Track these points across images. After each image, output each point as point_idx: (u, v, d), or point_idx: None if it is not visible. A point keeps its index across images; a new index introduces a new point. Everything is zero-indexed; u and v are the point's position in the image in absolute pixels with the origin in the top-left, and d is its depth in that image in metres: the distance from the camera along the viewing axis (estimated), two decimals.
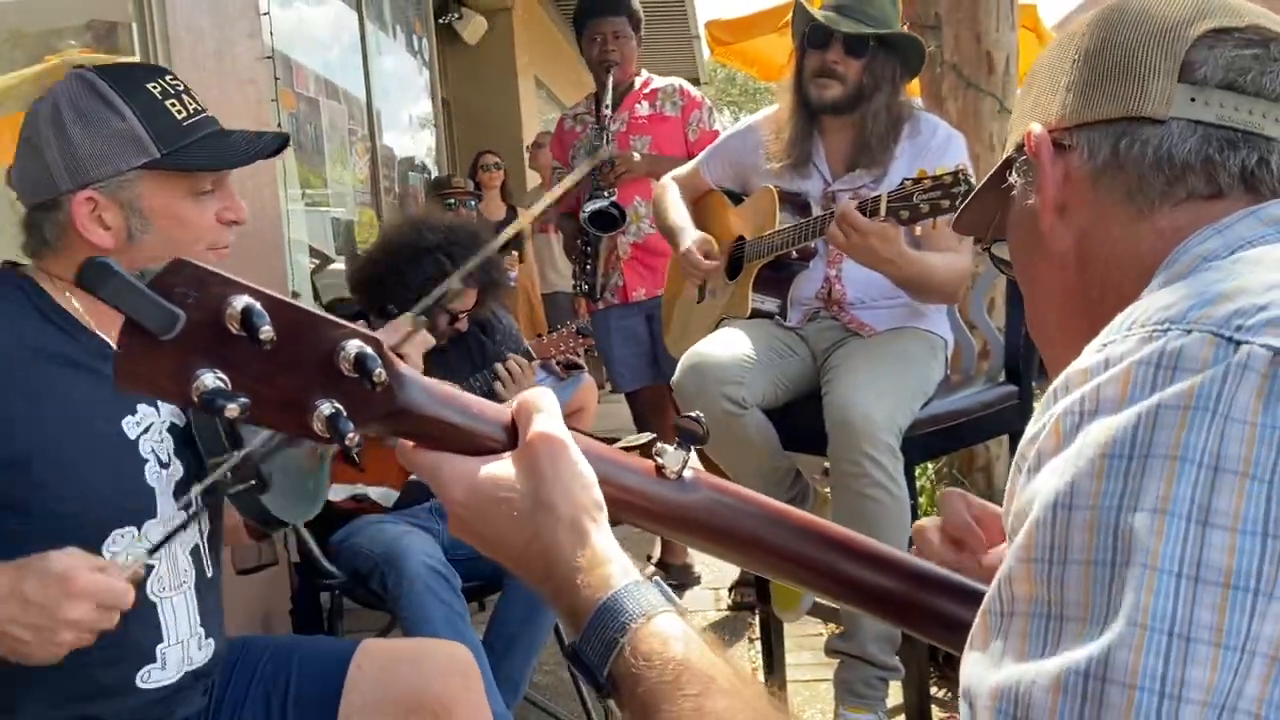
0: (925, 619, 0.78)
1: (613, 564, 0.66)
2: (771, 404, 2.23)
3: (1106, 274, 0.74)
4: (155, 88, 1.35)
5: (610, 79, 3.38)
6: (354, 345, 0.62)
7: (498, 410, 0.72)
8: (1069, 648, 0.53)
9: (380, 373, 0.62)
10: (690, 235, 2.53)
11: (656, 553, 3.62)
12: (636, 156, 3.33)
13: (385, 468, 2.41)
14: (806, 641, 2.86)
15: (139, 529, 1.33)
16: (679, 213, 2.63)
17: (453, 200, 4.02)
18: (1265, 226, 0.68)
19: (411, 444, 0.71)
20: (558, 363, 3.31)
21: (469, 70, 7.29)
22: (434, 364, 2.45)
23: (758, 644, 2.69)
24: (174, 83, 1.38)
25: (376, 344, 0.63)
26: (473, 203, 4.11)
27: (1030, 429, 0.61)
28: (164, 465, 1.38)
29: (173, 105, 1.35)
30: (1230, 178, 0.71)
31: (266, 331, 0.60)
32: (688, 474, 0.74)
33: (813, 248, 2.34)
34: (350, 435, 0.63)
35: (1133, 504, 0.53)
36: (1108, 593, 0.53)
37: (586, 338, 2.57)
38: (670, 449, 0.73)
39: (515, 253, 5.58)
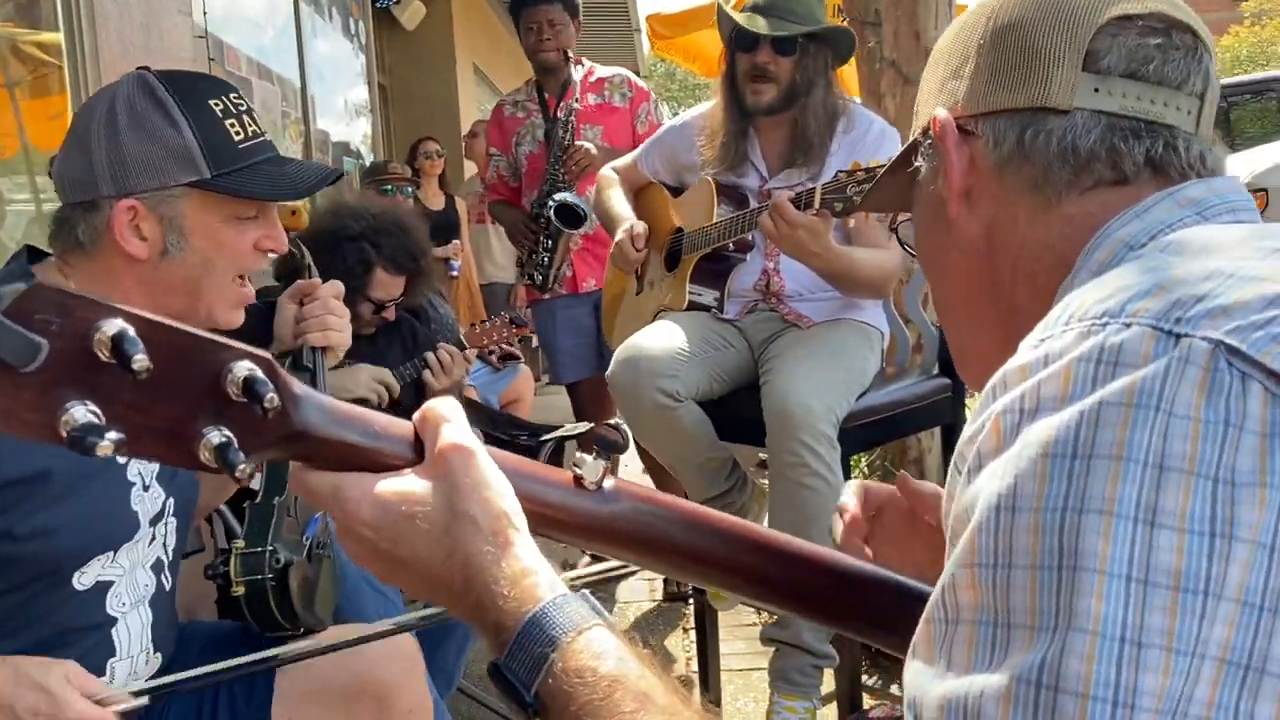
0: (855, 618, 0.78)
1: (538, 575, 0.63)
2: (707, 396, 2.23)
3: (1017, 262, 0.74)
4: (217, 105, 1.32)
5: (570, 67, 3.35)
6: (242, 368, 0.58)
7: (401, 425, 0.68)
8: (1018, 656, 0.52)
9: (272, 397, 0.58)
10: (624, 225, 2.52)
11: None
12: (593, 149, 3.30)
13: None
14: (741, 630, 2.87)
15: (115, 552, 1.31)
16: (619, 203, 2.62)
17: (389, 187, 3.96)
18: (1183, 209, 0.68)
19: (304, 467, 0.66)
20: (492, 353, 3.28)
21: (407, 56, 7.19)
22: (364, 352, 2.41)
23: (692, 633, 2.70)
24: (237, 101, 1.35)
25: (267, 365, 0.59)
26: (409, 189, 4.04)
27: (968, 428, 0.60)
28: (146, 489, 1.35)
29: (232, 125, 1.32)
30: (1135, 165, 0.71)
31: (140, 360, 0.54)
32: (608, 484, 0.72)
33: (749, 240, 2.35)
34: (241, 466, 0.58)
35: (1078, 506, 0.52)
36: (1056, 598, 0.51)
37: (521, 327, 2.55)
38: (589, 459, 0.71)
39: (457, 242, 5.52)
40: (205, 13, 3.18)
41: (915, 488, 0.92)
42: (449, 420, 0.67)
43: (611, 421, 0.79)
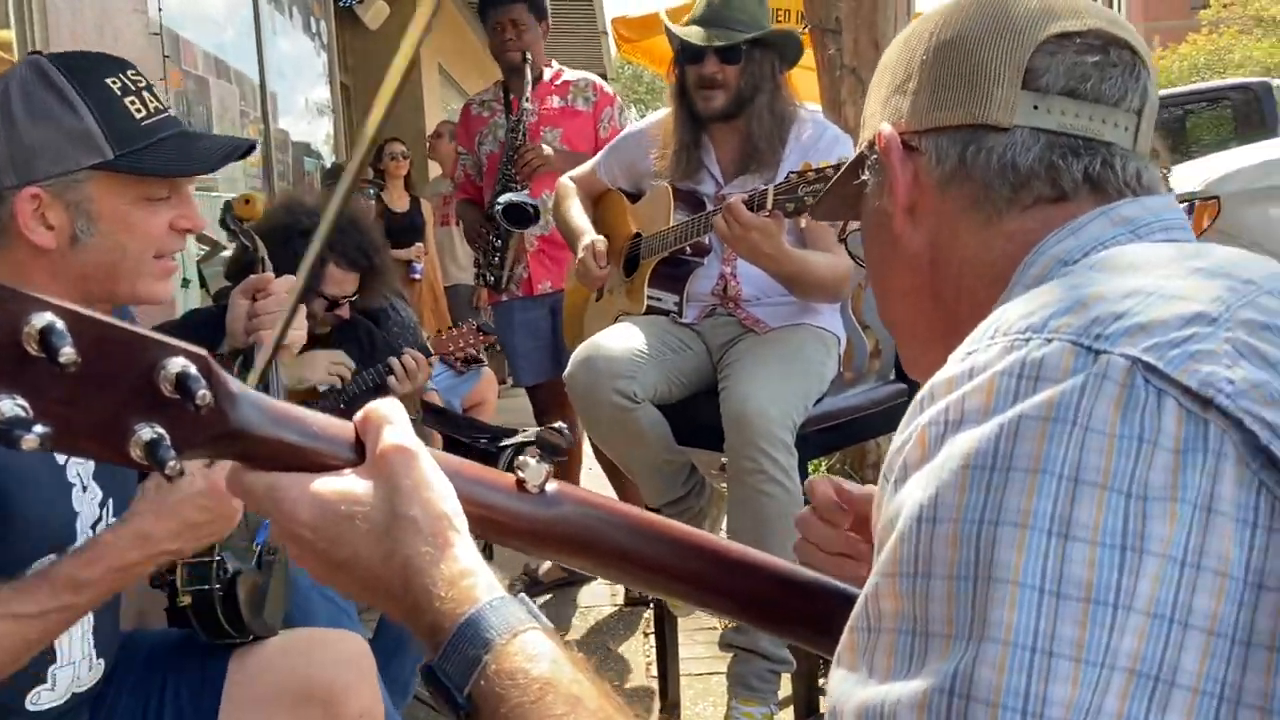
0: (800, 626, 0.78)
1: (476, 577, 0.63)
2: (665, 399, 2.23)
3: (959, 278, 0.75)
4: (115, 83, 1.28)
5: (527, 68, 3.34)
6: (175, 364, 0.57)
7: (341, 426, 0.68)
8: (934, 665, 0.52)
9: (204, 394, 0.57)
10: (585, 240, 2.52)
11: None
12: (549, 151, 3.29)
13: None
14: (701, 635, 2.87)
15: (57, 555, 1.27)
16: (578, 215, 2.62)
17: None
18: (1116, 227, 0.69)
19: (241, 467, 0.66)
20: (456, 357, 3.26)
21: (370, 56, 7.14)
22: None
23: (652, 638, 2.70)
24: (135, 78, 1.31)
25: (202, 361, 0.58)
26: (371, 191, 4.00)
27: (897, 438, 0.61)
28: (84, 489, 1.33)
29: (132, 103, 1.28)
30: (1074, 182, 0.71)
31: (68, 353, 0.54)
32: (551, 488, 0.71)
33: (706, 243, 2.36)
34: (171, 463, 0.58)
35: (995, 518, 0.53)
36: (971, 609, 0.52)
37: (488, 335, 2.53)
38: (532, 462, 0.70)
39: (420, 244, 5.49)
40: (160, 10, 3.13)
41: (849, 495, 0.93)
42: (391, 422, 0.67)
43: (555, 425, 0.78)
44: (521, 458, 0.71)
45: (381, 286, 2.59)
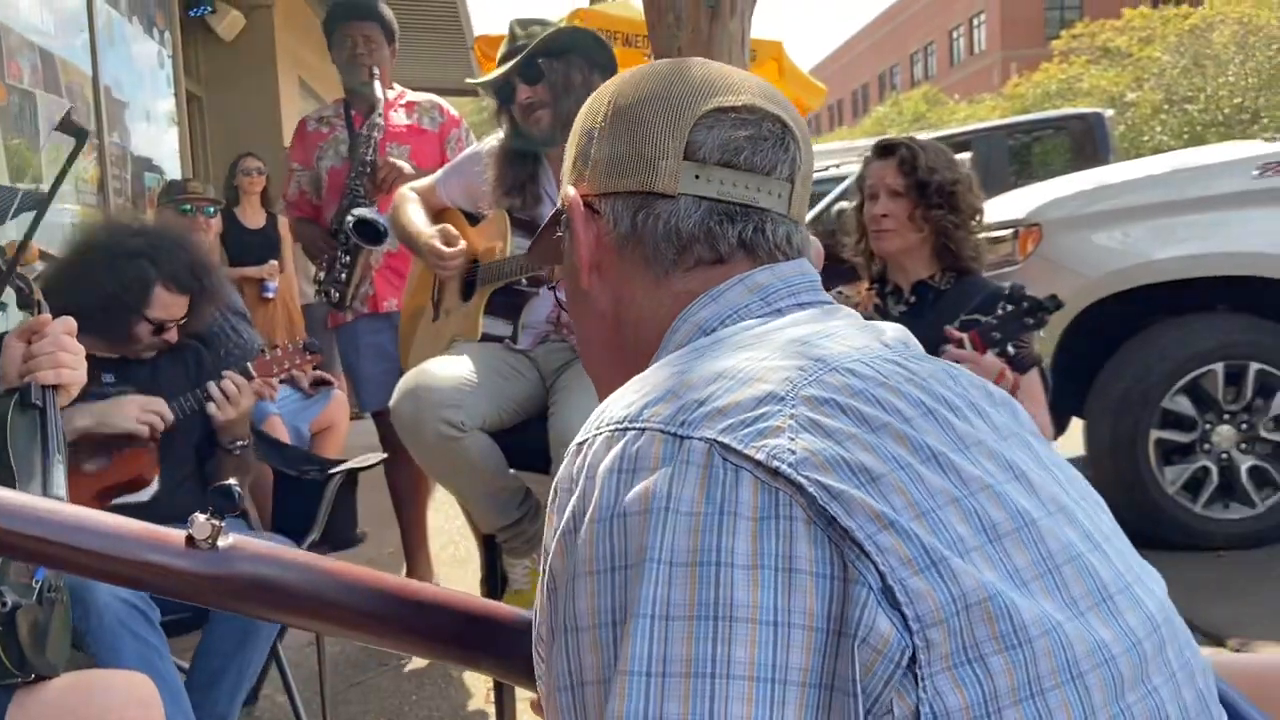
0: (493, 658, 0.80)
1: None
2: (496, 426, 2.24)
3: (637, 334, 0.80)
4: None
5: (375, 84, 3.30)
6: None
7: None
8: None
9: None
10: (429, 231, 2.50)
11: (402, 575, 3.55)
12: (404, 166, 3.25)
13: (133, 460, 2.25)
14: None
15: None
16: (418, 218, 2.59)
17: (188, 206, 3.78)
18: (751, 294, 0.75)
19: None
20: (287, 380, 3.17)
21: (225, 67, 6.93)
22: (141, 378, 2.31)
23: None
24: None
25: None
26: (211, 209, 3.88)
27: (560, 484, 0.65)
28: None
29: None
30: (730, 246, 0.77)
31: None
32: (224, 543, 0.72)
33: (544, 275, 2.36)
34: None
35: (621, 617, 0.57)
36: (585, 711, 0.57)
37: (315, 354, 2.47)
38: (200, 518, 0.71)
39: (275, 263, 5.33)
40: None
41: None
42: None
43: (225, 483, 0.77)
44: (194, 514, 0.71)
45: (212, 308, 2.52)
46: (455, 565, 3.84)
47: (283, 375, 2.48)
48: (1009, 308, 2.03)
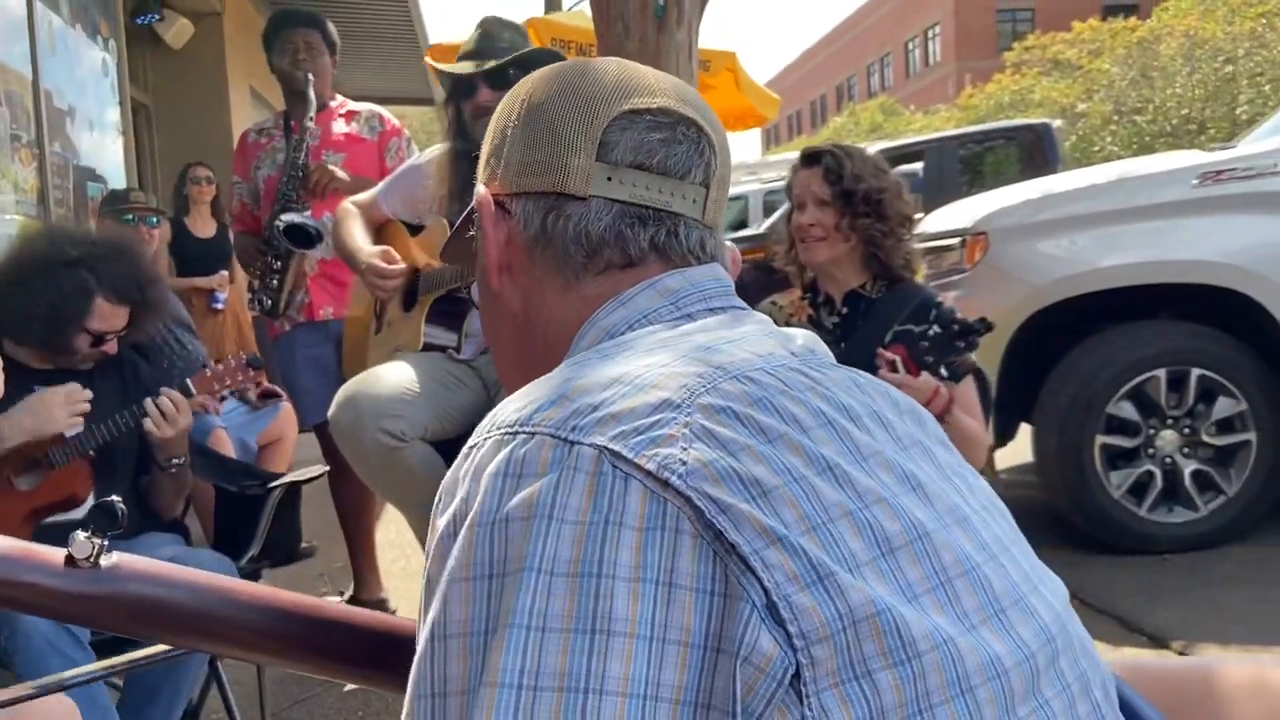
0: (401, 681, 0.78)
1: None
2: (439, 436, 2.21)
3: (546, 337, 0.78)
4: None
5: (310, 91, 3.26)
6: None
7: None
8: None
9: None
10: (369, 250, 2.47)
11: (350, 589, 3.50)
12: (339, 173, 3.22)
13: (68, 477, 2.19)
14: None
15: None
16: (359, 235, 2.57)
17: (131, 216, 3.72)
18: (661, 298, 0.74)
19: None
20: (233, 392, 3.11)
21: (173, 76, 6.84)
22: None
23: None
24: None
25: None
26: (154, 219, 3.81)
27: (447, 485, 0.63)
28: None
29: None
30: (641, 250, 0.76)
31: None
32: (106, 561, 0.70)
33: None
34: None
35: (494, 626, 0.56)
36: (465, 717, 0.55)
37: (258, 370, 2.43)
38: (81, 536, 0.69)
39: (225, 273, 5.25)
40: None
41: None
42: None
43: (109, 499, 0.75)
44: (75, 532, 0.69)
45: (154, 320, 2.47)
46: (406, 579, 3.79)
47: (224, 392, 2.43)
48: (938, 330, 2.03)
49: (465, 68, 2.36)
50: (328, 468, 2.77)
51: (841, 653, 0.55)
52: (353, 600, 3.44)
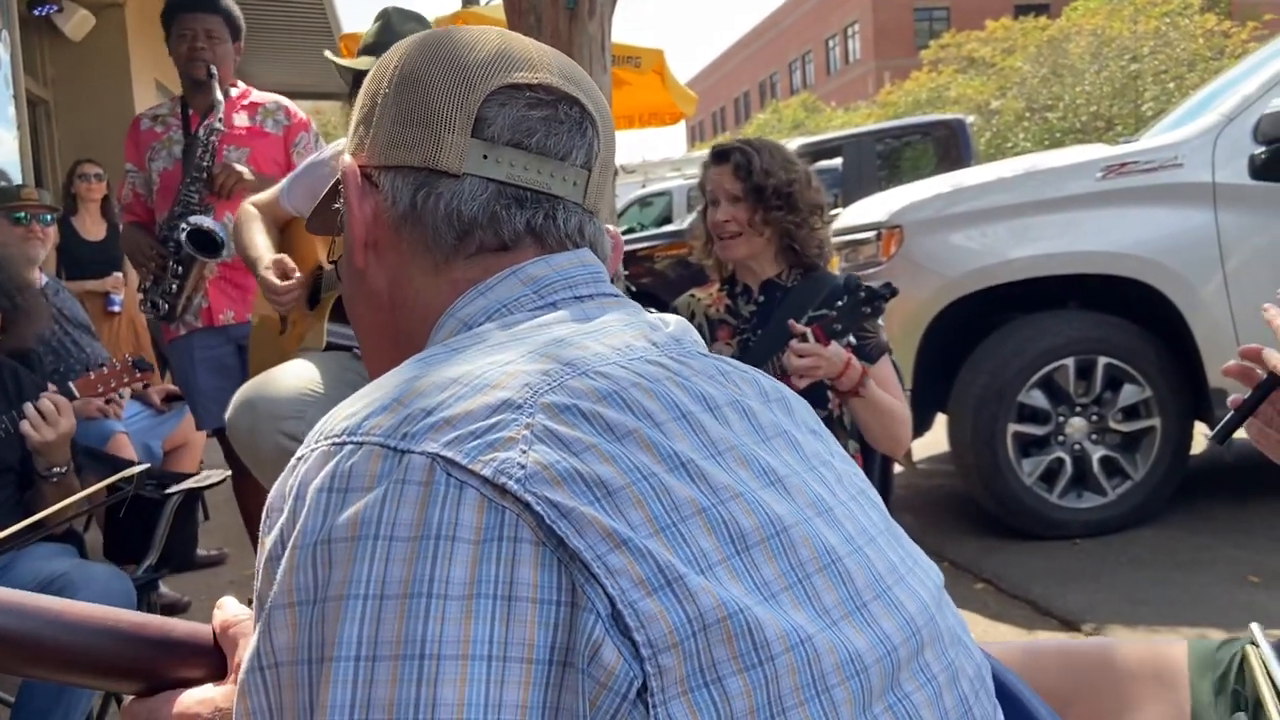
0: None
1: None
2: None
3: (411, 321, 0.73)
4: None
5: (214, 83, 3.13)
6: None
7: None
8: None
9: None
10: (265, 260, 2.39)
11: None
12: (247, 173, 3.10)
13: None
14: None
15: None
16: (260, 241, 2.48)
17: (23, 215, 3.56)
18: (524, 286, 0.69)
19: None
20: (116, 396, 3.00)
21: (73, 69, 6.59)
22: None
23: None
24: None
25: None
26: (48, 217, 3.65)
27: (274, 496, 0.59)
28: None
29: None
30: (515, 233, 0.71)
31: None
32: None
33: None
34: None
35: (318, 655, 0.52)
36: None
37: (145, 372, 2.34)
38: None
39: (119, 275, 5.06)
40: None
41: None
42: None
43: None
44: None
45: (30, 327, 2.36)
46: None
47: (109, 394, 2.33)
48: (845, 299, 2.05)
49: (365, 63, 2.29)
50: (228, 473, 2.67)
51: (690, 659, 0.52)
52: None
